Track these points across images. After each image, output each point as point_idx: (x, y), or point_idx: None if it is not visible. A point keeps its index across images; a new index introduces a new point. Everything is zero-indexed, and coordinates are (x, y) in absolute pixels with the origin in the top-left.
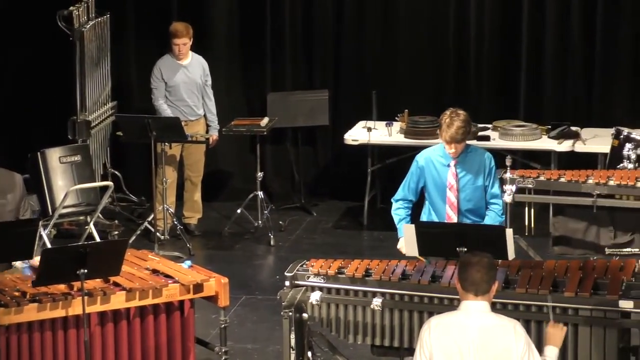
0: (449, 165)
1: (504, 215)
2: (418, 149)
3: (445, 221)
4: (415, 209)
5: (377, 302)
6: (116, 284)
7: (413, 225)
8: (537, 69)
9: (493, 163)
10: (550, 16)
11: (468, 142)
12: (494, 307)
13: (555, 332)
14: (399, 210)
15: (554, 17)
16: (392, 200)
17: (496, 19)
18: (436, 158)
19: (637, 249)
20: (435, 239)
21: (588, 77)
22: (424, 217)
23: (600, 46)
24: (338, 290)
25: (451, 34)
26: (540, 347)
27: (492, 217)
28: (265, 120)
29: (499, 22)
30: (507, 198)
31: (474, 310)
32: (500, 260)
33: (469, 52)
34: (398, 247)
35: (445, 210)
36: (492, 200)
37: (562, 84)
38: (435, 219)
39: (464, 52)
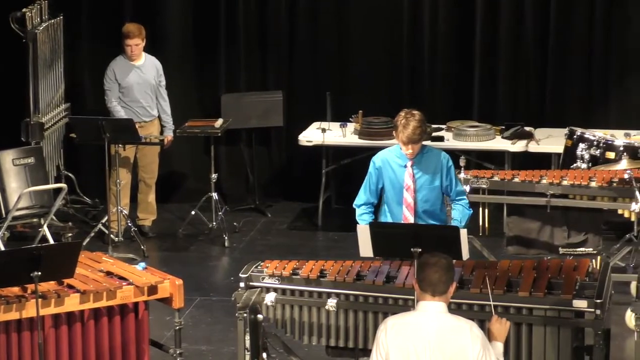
0: (405, 166)
1: (472, 210)
2: (372, 149)
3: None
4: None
5: (331, 302)
6: (70, 286)
7: (367, 226)
8: (491, 69)
9: (451, 162)
10: (504, 17)
11: (424, 142)
12: (448, 307)
13: (499, 327)
14: (364, 216)
15: (508, 19)
16: (354, 206)
17: (450, 20)
18: (393, 159)
19: (591, 249)
20: (390, 240)
21: (541, 77)
22: (380, 218)
23: (553, 47)
24: (293, 292)
25: (405, 35)
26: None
27: (461, 211)
28: (220, 122)
29: (453, 23)
30: None
31: (431, 311)
32: (454, 261)
33: (422, 53)
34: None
35: (402, 212)
36: (458, 197)
37: (515, 84)
38: (390, 220)
39: (417, 53)
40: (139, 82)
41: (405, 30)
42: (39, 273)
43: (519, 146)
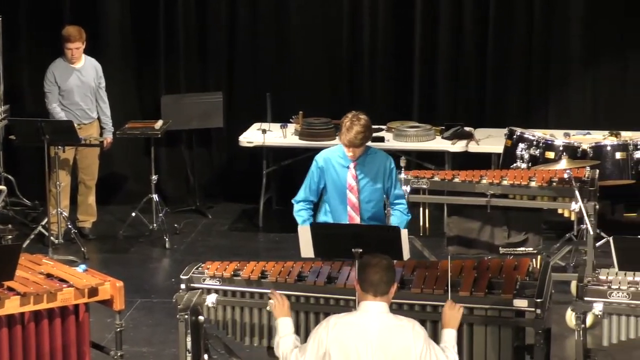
0: (348, 167)
1: (410, 214)
2: (313, 150)
3: (348, 222)
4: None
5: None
6: (10, 289)
7: (309, 227)
8: (431, 70)
9: (393, 165)
10: (444, 18)
11: (368, 143)
12: (389, 307)
13: (452, 314)
14: (301, 212)
15: (447, 19)
16: (292, 201)
17: (389, 21)
18: (336, 159)
19: (531, 248)
20: (331, 241)
21: (481, 78)
22: (319, 218)
23: (492, 47)
24: (234, 293)
25: (345, 36)
26: (439, 337)
27: (399, 216)
28: (160, 123)
29: (392, 24)
30: None
31: (373, 311)
32: (395, 261)
33: (362, 54)
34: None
35: (346, 211)
36: (396, 201)
37: (455, 84)
38: (331, 220)
39: (358, 54)
40: (79, 84)
41: (345, 31)
42: None
43: (459, 146)
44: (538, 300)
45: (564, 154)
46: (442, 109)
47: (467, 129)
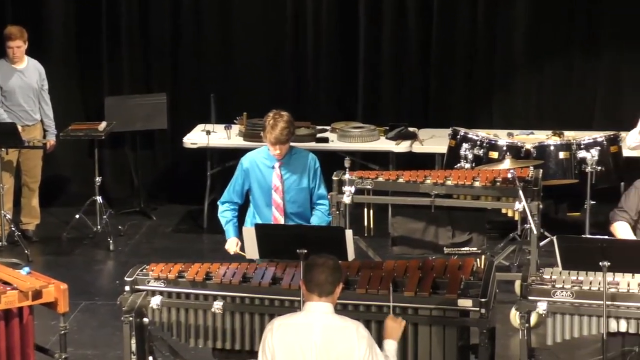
0: (273, 167)
1: (331, 216)
2: None
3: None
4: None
5: (217, 305)
6: None
7: (253, 228)
8: (375, 71)
9: (318, 164)
10: (387, 18)
11: (292, 143)
12: (334, 307)
13: (394, 326)
14: (225, 213)
15: (391, 20)
16: (218, 203)
17: (333, 23)
18: (260, 160)
19: (475, 248)
20: (276, 241)
21: (425, 78)
22: (247, 220)
23: (436, 48)
24: (178, 294)
25: (289, 37)
26: (381, 345)
27: (319, 217)
28: (103, 125)
29: (336, 26)
30: (346, 199)
31: (318, 312)
32: (340, 261)
33: (306, 54)
34: (226, 247)
35: (271, 213)
36: (319, 201)
37: (399, 85)
38: (258, 221)
39: (302, 54)
40: (22, 85)
41: (288, 32)
42: None
43: (403, 147)
44: (482, 299)
45: (508, 153)
46: (386, 109)
47: (411, 129)
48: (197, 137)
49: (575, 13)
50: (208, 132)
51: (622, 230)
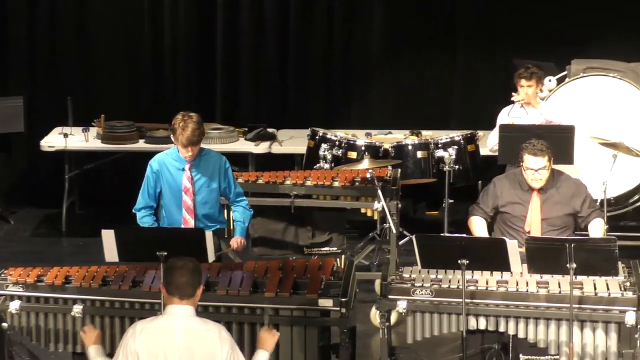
0: (183, 169)
1: (252, 210)
2: (116, 154)
3: (182, 226)
4: None
5: (77, 309)
6: None
7: (112, 231)
8: (233, 71)
9: (228, 164)
10: (244, 19)
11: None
12: (195, 310)
13: (268, 337)
14: (144, 219)
15: (248, 22)
16: (134, 210)
17: (191, 25)
18: (170, 162)
19: (335, 248)
20: (135, 244)
21: (282, 79)
22: (161, 224)
23: (293, 49)
24: (38, 299)
25: (146, 39)
26: (241, 348)
27: (242, 212)
28: None
29: (194, 28)
30: None
31: (179, 315)
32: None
33: (164, 56)
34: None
35: (182, 215)
36: (238, 199)
37: (257, 86)
38: (167, 224)
39: (159, 56)
40: None
41: (146, 35)
42: None
43: (262, 148)
44: (343, 299)
45: (366, 153)
46: (244, 110)
47: (270, 130)
48: (54, 140)
49: (432, 13)
50: (66, 135)
51: (477, 224)
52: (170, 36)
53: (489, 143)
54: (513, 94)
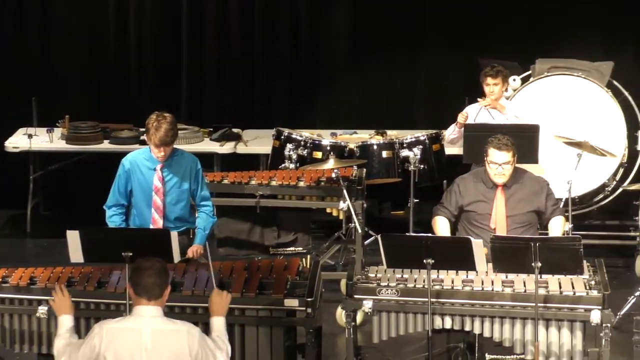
0: (155, 169)
1: (215, 217)
2: (80, 154)
3: (151, 226)
4: None
5: (42, 310)
6: None
7: (77, 232)
8: (198, 71)
9: (200, 166)
10: (209, 19)
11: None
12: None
13: (219, 301)
14: (113, 217)
15: (214, 22)
16: (104, 207)
17: (156, 25)
18: (142, 161)
19: (301, 248)
20: (101, 245)
21: (248, 78)
22: (131, 223)
23: (258, 48)
24: (2, 300)
25: (111, 40)
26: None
27: (204, 219)
28: None
29: (159, 28)
30: None
31: (147, 316)
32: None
33: (129, 56)
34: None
35: (151, 215)
36: (202, 203)
37: (222, 86)
38: (138, 224)
39: (124, 56)
40: None
41: (111, 35)
42: None
43: (227, 148)
44: (309, 299)
45: (332, 153)
46: (209, 110)
47: (235, 130)
48: (18, 141)
49: (397, 13)
50: (30, 136)
51: (440, 224)
52: (134, 36)
53: (446, 134)
54: (478, 99)
